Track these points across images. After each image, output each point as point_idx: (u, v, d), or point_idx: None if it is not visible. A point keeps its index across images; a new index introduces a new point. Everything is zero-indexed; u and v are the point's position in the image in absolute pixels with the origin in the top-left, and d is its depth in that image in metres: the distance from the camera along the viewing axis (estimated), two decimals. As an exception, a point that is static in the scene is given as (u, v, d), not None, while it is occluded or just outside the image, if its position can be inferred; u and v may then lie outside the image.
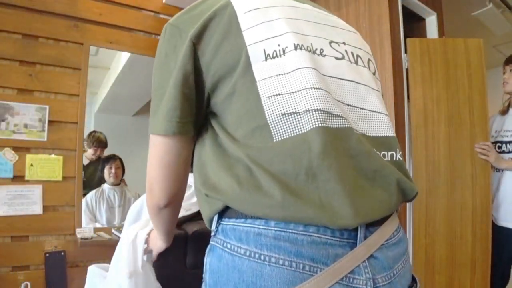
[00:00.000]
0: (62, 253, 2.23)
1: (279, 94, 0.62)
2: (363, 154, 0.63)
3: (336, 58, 0.70)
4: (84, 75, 2.40)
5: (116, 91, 2.68)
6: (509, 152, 2.23)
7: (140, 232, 1.05)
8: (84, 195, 2.44)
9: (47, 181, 2.24)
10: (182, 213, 1.12)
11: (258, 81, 0.63)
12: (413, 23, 2.66)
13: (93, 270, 1.30)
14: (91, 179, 2.58)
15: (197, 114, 0.69)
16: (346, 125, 0.63)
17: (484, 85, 2.27)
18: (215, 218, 0.66)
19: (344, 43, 0.73)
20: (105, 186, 2.60)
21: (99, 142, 2.62)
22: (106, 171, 2.60)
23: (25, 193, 2.17)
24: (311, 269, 0.56)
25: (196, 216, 1.24)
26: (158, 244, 1.01)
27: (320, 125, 0.60)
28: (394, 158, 0.70)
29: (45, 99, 2.29)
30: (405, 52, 2.30)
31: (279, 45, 0.65)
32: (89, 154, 2.58)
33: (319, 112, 0.61)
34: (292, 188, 0.58)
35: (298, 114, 0.61)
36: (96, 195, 2.54)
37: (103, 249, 2.29)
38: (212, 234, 0.66)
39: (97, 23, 2.51)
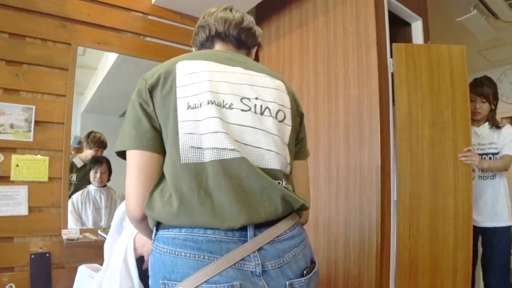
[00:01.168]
0: (48, 254, 2.21)
1: (191, 133, 0.90)
2: (252, 177, 0.89)
3: (242, 110, 0.95)
4: (71, 76, 2.39)
5: (103, 91, 2.67)
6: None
7: (129, 247, 1.07)
8: (70, 196, 2.43)
9: (32, 182, 2.22)
10: None
11: (179, 122, 0.91)
12: (399, 28, 2.70)
13: (82, 270, 1.30)
14: (84, 181, 2.56)
15: (161, 140, 0.94)
16: (239, 156, 0.89)
17: (466, 91, 2.32)
18: (154, 230, 0.92)
19: (256, 98, 0.98)
20: (91, 188, 2.59)
21: (100, 142, 2.61)
22: (92, 174, 2.59)
23: (10, 194, 2.15)
24: (210, 258, 0.83)
25: None
26: (148, 247, 1.07)
27: (215, 158, 0.88)
28: (281, 185, 0.94)
29: (32, 99, 2.27)
30: (391, 56, 2.34)
31: (198, 100, 0.92)
32: (87, 155, 2.56)
33: (216, 149, 0.88)
34: (194, 203, 0.85)
35: (202, 149, 0.89)
36: (82, 196, 2.52)
37: (89, 250, 2.28)
38: (152, 241, 0.91)
39: (85, 23, 2.50)
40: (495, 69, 4.68)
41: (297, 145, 1.10)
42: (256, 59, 1.26)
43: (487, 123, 2.55)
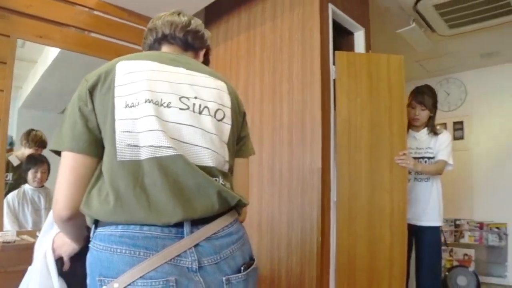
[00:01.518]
0: (-21, 258, 2.10)
1: (128, 131, 0.92)
2: (187, 174, 0.92)
3: (180, 109, 0.97)
4: (9, 70, 2.28)
5: (43, 86, 2.56)
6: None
7: (49, 248, 1.07)
8: (4, 196, 2.31)
9: (-37, 181, 2.10)
10: None
11: (116, 120, 0.92)
12: (343, 37, 2.82)
13: (29, 271, 1.28)
14: (20, 181, 2.44)
15: (101, 143, 0.94)
16: (175, 153, 0.91)
17: (402, 98, 2.48)
18: (92, 228, 0.92)
19: (195, 97, 1.01)
20: (27, 188, 2.46)
21: (41, 142, 2.48)
22: (30, 174, 2.46)
23: None
24: (145, 254, 0.85)
25: None
26: (66, 248, 1.08)
27: (151, 156, 0.90)
28: (218, 182, 0.97)
29: (-35, 93, 2.15)
30: (333, 64, 2.44)
31: (136, 99, 0.94)
32: (24, 153, 2.44)
33: (152, 147, 0.91)
34: (130, 200, 0.87)
35: (138, 147, 0.91)
36: (18, 196, 2.40)
37: (26, 253, 2.15)
38: (90, 239, 0.92)
39: (25, 15, 2.39)
40: (432, 79, 4.99)
41: (239, 143, 1.14)
42: (207, 62, 1.28)
43: (425, 129, 2.69)
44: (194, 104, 1.00)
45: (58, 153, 0.96)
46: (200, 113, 1.00)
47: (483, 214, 4.52)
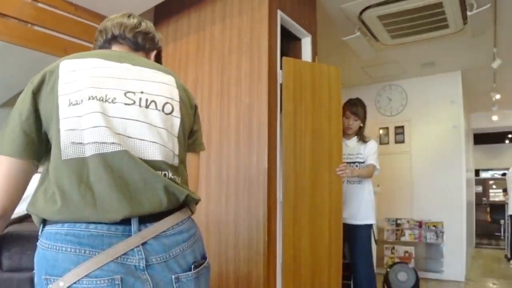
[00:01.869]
0: None
1: (72, 129, 0.92)
2: (133, 169, 0.92)
3: (126, 104, 0.98)
4: None
5: (-20, 79, 2.44)
6: None
7: None
8: None
9: None
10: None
11: (61, 119, 0.92)
12: (291, 42, 2.91)
13: None
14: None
15: (39, 146, 0.95)
16: (120, 149, 0.92)
17: (339, 106, 2.70)
18: (40, 227, 0.93)
19: (142, 92, 1.02)
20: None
21: None
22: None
23: None
24: (91, 253, 0.85)
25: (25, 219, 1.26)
26: None
27: (95, 152, 0.90)
28: (167, 176, 0.98)
29: None
30: (281, 68, 2.52)
31: (80, 96, 0.94)
32: None
33: (96, 143, 0.91)
34: (75, 198, 0.87)
35: (83, 144, 0.91)
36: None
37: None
38: (39, 238, 0.91)
39: (-39, 4, 2.27)
40: (376, 84, 5.26)
41: (192, 137, 1.15)
42: (159, 63, 1.28)
43: (356, 137, 3.02)
44: (140, 99, 1.00)
45: None
46: (147, 107, 1.00)
47: (422, 214, 4.81)
